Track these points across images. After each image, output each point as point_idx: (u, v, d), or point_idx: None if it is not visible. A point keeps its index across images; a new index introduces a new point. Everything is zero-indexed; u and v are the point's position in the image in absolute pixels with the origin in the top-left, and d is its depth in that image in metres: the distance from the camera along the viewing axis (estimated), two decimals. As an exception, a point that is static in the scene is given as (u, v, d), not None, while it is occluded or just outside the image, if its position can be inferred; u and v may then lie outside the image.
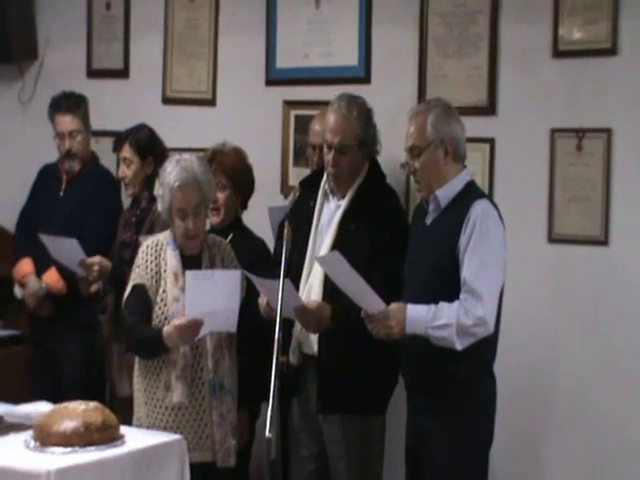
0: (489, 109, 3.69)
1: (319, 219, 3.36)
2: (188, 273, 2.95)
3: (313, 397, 3.27)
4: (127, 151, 3.93)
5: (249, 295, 3.19)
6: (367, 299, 2.89)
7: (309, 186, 3.46)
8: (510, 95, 3.67)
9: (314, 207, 3.38)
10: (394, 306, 2.91)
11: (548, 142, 3.57)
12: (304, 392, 3.32)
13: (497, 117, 3.70)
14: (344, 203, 3.32)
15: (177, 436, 2.95)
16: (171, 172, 3.12)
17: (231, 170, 3.53)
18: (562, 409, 3.56)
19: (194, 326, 2.94)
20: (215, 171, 3.40)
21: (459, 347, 2.85)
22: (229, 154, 3.59)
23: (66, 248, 3.89)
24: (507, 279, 2.98)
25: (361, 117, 3.32)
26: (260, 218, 3.78)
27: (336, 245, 3.21)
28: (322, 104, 3.70)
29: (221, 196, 3.51)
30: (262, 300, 3.15)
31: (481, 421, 2.96)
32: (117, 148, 3.99)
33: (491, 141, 3.68)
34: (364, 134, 3.31)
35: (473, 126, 3.42)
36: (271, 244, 3.61)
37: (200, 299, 2.93)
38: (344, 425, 3.23)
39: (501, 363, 3.05)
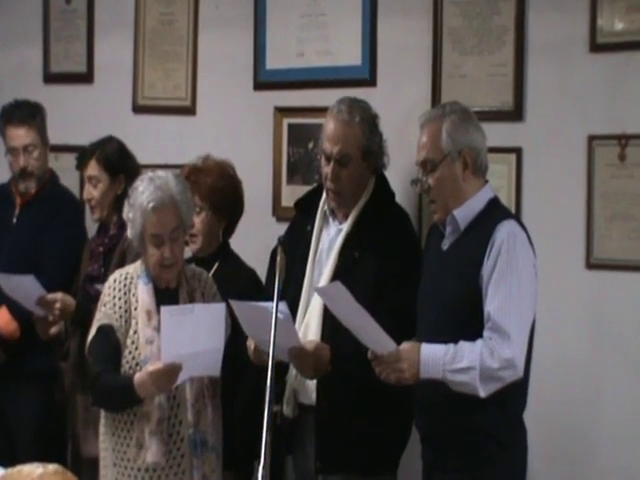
0: (515, 114, 3.72)
1: (317, 245, 3.39)
2: (163, 309, 2.97)
3: (311, 454, 3.28)
4: (93, 168, 3.97)
5: (235, 333, 3.21)
6: (374, 338, 2.92)
7: (306, 208, 3.49)
8: (540, 97, 3.70)
9: (312, 232, 3.41)
10: (406, 346, 2.93)
11: (585, 151, 3.59)
12: (301, 449, 3.34)
13: (525, 123, 3.72)
14: (346, 226, 3.35)
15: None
16: (144, 192, 3.16)
17: (208, 190, 3.55)
18: (605, 466, 3.55)
19: (171, 371, 2.96)
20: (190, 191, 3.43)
21: (483, 394, 2.86)
22: (208, 170, 3.62)
23: (21, 286, 3.90)
24: (538, 313, 3.00)
25: (365, 123, 3.36)
26: (249, 244, 3.80)
27: (337, 276, 3.24)
28: (320, 111, 3.74)
29: (196, 220, 3.53)
30: (250, 343, 3.17)
31: (509, 479, 2.97)
32: (81, 165, 4.03)
33: (518, 151, 3.71)
34: (368, 143, 3.35)
35: (497, 134, 3.46)
36: (261, 272, 3.64)
37: (178, 339, 2.95)
38: (348, 487, 3.26)
39: (532, 412, 3.07)
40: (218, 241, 3.64)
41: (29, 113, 4.25)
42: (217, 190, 3.59)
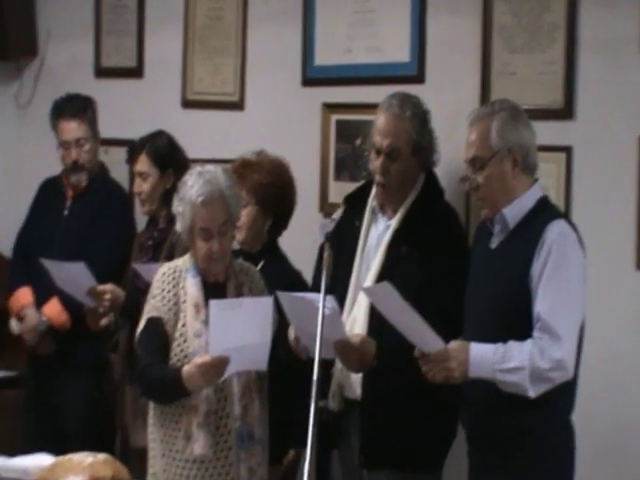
0: (566, 112, 3.68)
1: (365, 242, 3.38)
2: (212, 303, 2.97)
3: (356, 449, 3.28)
4: (144, 163, 3.99)
5: (281, 328, 3.21)
6: (422, 336, 2.90)
7: (355, 203, 3.48)
8: (591, 96, 3.66)
9: (360, 227, 3.40)
10: (455, 345, 2.91)
11: (636, 150, 3.54)
12: (346, 443, 3.34)
13: (575, 121, 3.69)
14: (394, 222, 3.34)
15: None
16: (193, 186, 3.16)
17: (253, 185, 3.53)
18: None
19: (219, 365, 2.96)
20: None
21: (532, 394, 2.84)
22: (259, 166, 3.61)
23: (72, 274, 3.94)
24: (587, 314, 2.98)
25: (416, 118, 3.35)
26: (294, 242, 3.79)
27: (384, 272, 3.23)
28: (368, 107, 3.73)
29: (242, 213, 3.52)
30: (291, 334, 3.16)
31: (557, 480, 2.96)
32: (131, 159, 4.05)
33: (568, 150, 3.67)
34: (419, 138, 3.34)
35: (546, 132, 3.42)
36: (307, 273, 3.63)
37: (226, 333, 2.95)
38: (391, 483, 3.25)
39: (581, 413, 3.04)
40: (263, 237, 3.62)
41: (81, 107, 4.29)
42: (263, 186, 3.57)
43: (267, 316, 3.04)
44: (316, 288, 3.17)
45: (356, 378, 3.26)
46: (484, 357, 2.86)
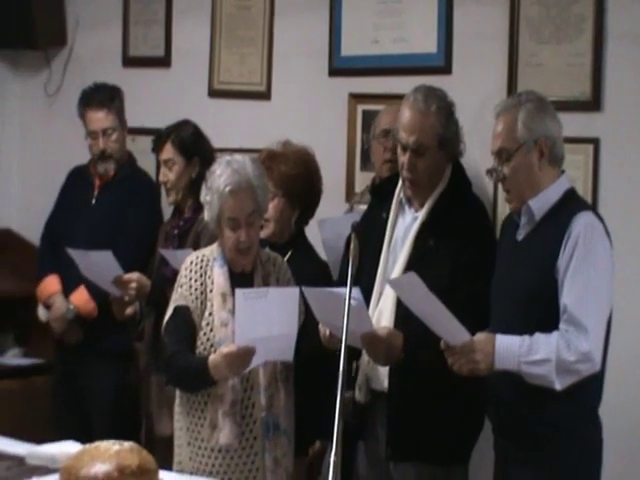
0: (593, 104, 3.66)
1: (392, 233, 3.36)
2: (238, 292, 2.97)
3: (382, 441, 3.27)
4: (169, 151, 3.98)
5: (308, 319, 3.20)
6: (449, 328, 2.89)
7: (382, 194, 3.46)
8: (618, 87, 3.64)
9: (387, 219, 3.38)
10: (481, 337, 2.89)
11: (664, 143, 3.54)
12: (372, 435, 3.32)
13: (603, 113, 3.67)
14: (422, 214, 3.32)
15: (223, 482, 2.99)
16: (221, 175, 3.16)
17: (281, 177, 3.51)
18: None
19: (245, 355, 2.97)
20: None
21: (559, 387, 2.82)
22: (284, 157, 3.59)
23: (99, 263, 3.95)
24: (615, 306, 2.95)
25: (441, 112, 3.32)
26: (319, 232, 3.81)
27: (411, 264, 3.21)
28: (395, 98, 3.72)
29: (269, 206, 3.50)
30: (324, 330, 3.16)
31: (584, 475, 2.94)
32: (157, 148, 4.05)
33: (595, 142, 3.65)
34: (445, 132, 3.31)
35: (574, 124, 3.41)
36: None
37: (252, 323, 2.96)
38: (419, 476, 3.23)
39: (608, 406, 3.02)
40: (290, 228, 3.60)
41: (108, 96, 4.29)
42: (290, 178, 3.55)
43: (293, 306, 3.03)
44: (342, 279, 3.16)
45: (383, 370, 3.25)
46: (510, 349, 2.85)
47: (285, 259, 3.42)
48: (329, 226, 3.78)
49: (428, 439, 3.20)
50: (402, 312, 3.15)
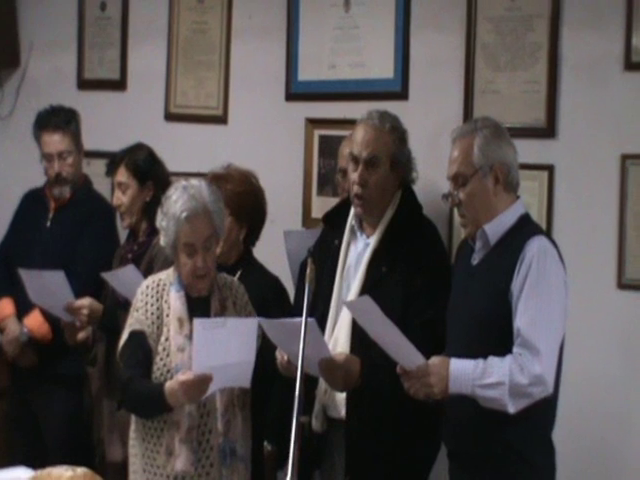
0: (548, 131, 3.71)
1: (345, 260, 3.38)
2: (196, 322, 2.97)
3: (340, 469, 3.28)
4: (123, 174, 3.99)
5: (264, 343, 3.20)
6: (403, 352, 2.91)
7: (334, 222, 3.48)
8: (573, 115, 3.69)
9: (340, 246, 3.41)
10: (435, 360, 2.92)
11: (618, 170, 3.58)
12: (329, 462, 3.34)
13: (557, 140, 3.72)
14: (373, 240, 3.34)
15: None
16: (177, 200, 3.17)
17: (228, 196, 3.51)
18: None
19: (202, 382, 2.96)
20: None
21: (512, 410, 2.86)
22: (230, 177, 3.62)
23: (50, 285, 3.92)
24: (568, 332, 3.00)
25: (395, 133, 3.36)
26: (277, 254, 3.82)
27: (365, 290, 3.23)
28: (351, 123, 3.74)
29: None
30: (281, 356, 3.17)
31: (538, 499, 2.98)
32: (111, 171, 4.05)
33: (550, 168, 3.70)
34: (397, 152, 3.35)
35: (529, 150, 3.46)
36: (286, 282, 3.64)
37: (210, 351, 2.96)
38: (377, 502, 3.25)
39: (561, 431, 3.06)
40: (239, 248, 3.64)
41: (64, 119, 4.28)
42: (237, 196, 3.58)
43: (252, 336, 3.03)
44: (298, 305, 3.18)
45: (340, 398, 3.27)
46: (464, 372, 2.87)
47: (235, 278, 3.43)
48: (294, 238, 3.82)
49: (386, 466, 3.21)
50: (358, 338, 3.18)
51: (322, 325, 3.24)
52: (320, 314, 3.25)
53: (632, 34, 3.56)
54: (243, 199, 3.60)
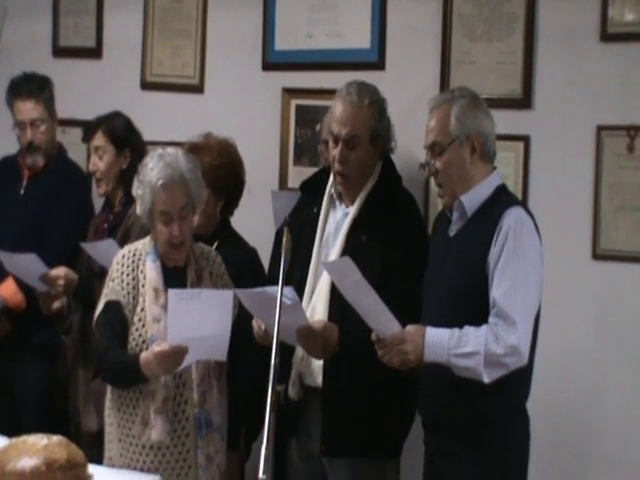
0: (524, 102, 3.70)
1: (324, 229, 3.37)
2: (171, 292, 2.95)
3: (316, 437, 3.27)
4: (100, 139, 3.95)
5: (241, 313, 3.19)
6: (380, 318, 2.91)
7: (312, 190, 3.47)
8: (549, 85, 3.68)
9: (318, 214, 3.40)
10: (411, 328, 2.92)
11: (594, 141, 3.58)
12: (305, 431, 3.33)
13: (533, 111, 3.71)
14: (353, 210, 3.34)
15: (155, 477, 2.93)
16: (153, 168, 3.13)
17: (206, 167, 3.48)
18: (608, 455, 3.55)
19: (177, 354, 2.95)
20: None
21: (487, 380, 2.86)
22: (207, 148, 3.59)
23: (24, 264, 3.89)
24: (544, 302, 3.00)
25: (374, 106, 3.34)
26: (255, 224, 3.79)
27: (344, 259, 3.23)
28: (327, 93, 3.73)
29: None
30: (258, 325, 3.15)
31: (511, 467, 2.97)
32: (88, 137, 4.01)
33: (526, 139, 3.70)
34: (377, 126, 3.34)
35: (505, 121, 3.43)
36: (263, 251, 3.61)
37: (185, 323, 2.93)
38: (352, 471, 3.25)
39: (535, 400, 3.06)
40: (216, 219, 3.61)
41: (37, 87, 4.23)
42: (214, 168, 3.55)
43: (227, 308, 3.01)
44: (273, 274, 3.16)
45: (317, 366, 3.26)
46: (439, 341, 2.87)
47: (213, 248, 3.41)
48: (281, 197, 3.78)
49: (362, 434, 3.22)
50: (336, 307, 3.17)
51: (300, 293, 3.22)
52: (297, 282, 3.23)
53: (608, 5, 3.56)
54: (220, 171, 3.57)
